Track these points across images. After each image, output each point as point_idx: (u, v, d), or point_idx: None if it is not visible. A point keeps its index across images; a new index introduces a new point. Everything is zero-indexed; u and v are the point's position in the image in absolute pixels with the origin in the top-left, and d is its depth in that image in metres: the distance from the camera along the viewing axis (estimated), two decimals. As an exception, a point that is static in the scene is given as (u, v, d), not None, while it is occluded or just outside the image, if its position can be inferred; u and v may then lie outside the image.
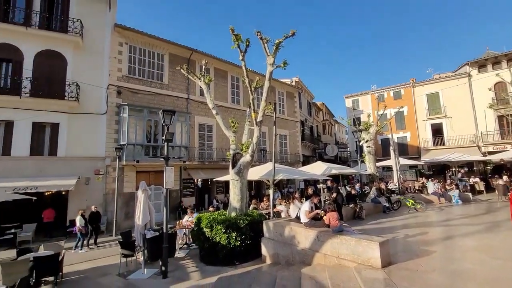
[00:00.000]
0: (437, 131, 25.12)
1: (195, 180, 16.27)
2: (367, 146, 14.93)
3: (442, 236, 7.18)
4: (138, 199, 7.86)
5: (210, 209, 10.76)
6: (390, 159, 17.34)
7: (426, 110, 25.72)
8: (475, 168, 22.82)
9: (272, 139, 9.95)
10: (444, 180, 18.52)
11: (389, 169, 21.33)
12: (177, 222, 9.93)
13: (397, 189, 14.31)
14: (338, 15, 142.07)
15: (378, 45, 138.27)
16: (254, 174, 9.78)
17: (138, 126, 13.53)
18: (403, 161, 19.69)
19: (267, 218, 8.21)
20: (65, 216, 11.89)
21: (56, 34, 12.51)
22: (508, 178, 14.78)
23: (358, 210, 9.94)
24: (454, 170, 21.10)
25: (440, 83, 25.14)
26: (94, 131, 12.97)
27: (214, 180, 14.23)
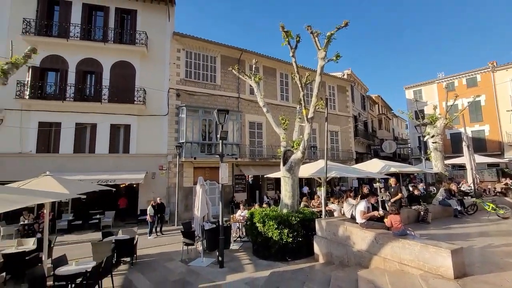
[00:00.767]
0: (526, 123, 21.07)
1: (247, 176, 16.83)
2: (433, 142, 13.38)
3: (534, 248, 6.03)
4: (196, 193, 8.48)
5: (264, 205, 10.97)
6: (462, 156, 15.03)
7: (511, 98, 21.71)
8: None
9: (323, 136, 9.68)
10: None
11: (461, 167, 18.72)
12: (231, 216, 10.46)
13: (472, 190, 12.43)
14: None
15: (447, 24, 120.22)
16: (305, 171, 9.64)
17: (194, 125, 14.64)
18: (480, 158, 16.84)
19: (319, 216, 8.04)
20: (136, 205, 13.65)
21: (126, 46, 14.32)
22: None
23: (422, 212, 8.97)
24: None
25: (531, 65, 20.97)
26: (158, 131, 14.51)
27: (265, 176, 14.50)
